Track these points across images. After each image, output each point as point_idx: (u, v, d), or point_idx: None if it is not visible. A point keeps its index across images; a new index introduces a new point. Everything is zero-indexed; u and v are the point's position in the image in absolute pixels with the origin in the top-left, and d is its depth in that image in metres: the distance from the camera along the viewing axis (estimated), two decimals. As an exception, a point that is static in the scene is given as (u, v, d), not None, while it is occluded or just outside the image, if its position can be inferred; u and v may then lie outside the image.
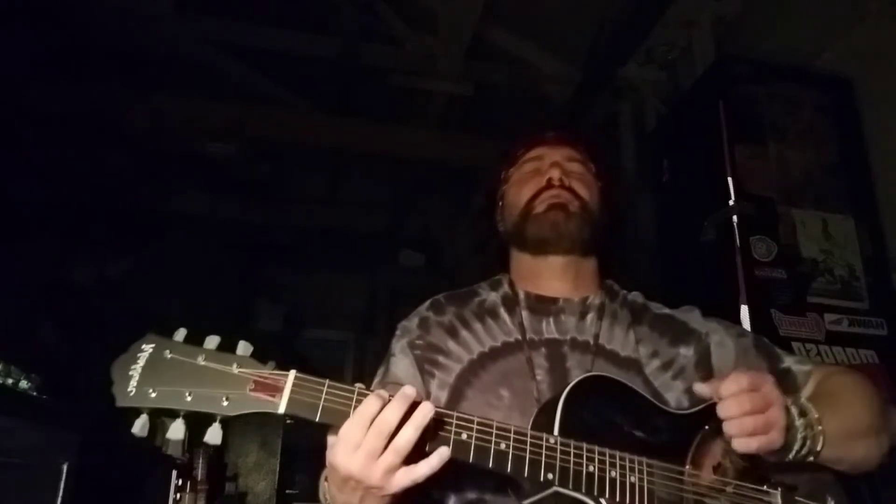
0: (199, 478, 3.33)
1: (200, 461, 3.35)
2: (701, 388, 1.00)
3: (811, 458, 1.01)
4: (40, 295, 4.06)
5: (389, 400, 0.88)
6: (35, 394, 1.90)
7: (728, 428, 0.95)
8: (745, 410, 0.94)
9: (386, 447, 0.86)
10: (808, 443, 0.99)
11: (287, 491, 4.47)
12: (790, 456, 0.99)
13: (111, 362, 0.89)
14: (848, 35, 2.58)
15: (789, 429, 0.97)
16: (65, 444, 1.88)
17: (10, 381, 1.84)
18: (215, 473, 3.71)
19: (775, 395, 0.96)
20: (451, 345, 1.24)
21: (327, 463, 0.91)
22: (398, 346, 1.28)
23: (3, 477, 1.65)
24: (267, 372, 0.89)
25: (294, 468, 4.54)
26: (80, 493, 1.88)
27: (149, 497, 2.81)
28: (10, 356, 1.87)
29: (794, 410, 1.00)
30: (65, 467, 1.85)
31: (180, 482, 3.06)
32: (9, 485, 1.67)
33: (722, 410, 0.95)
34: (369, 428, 0.86)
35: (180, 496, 3.08)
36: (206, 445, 0.90)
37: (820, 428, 1.00)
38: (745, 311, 2.13)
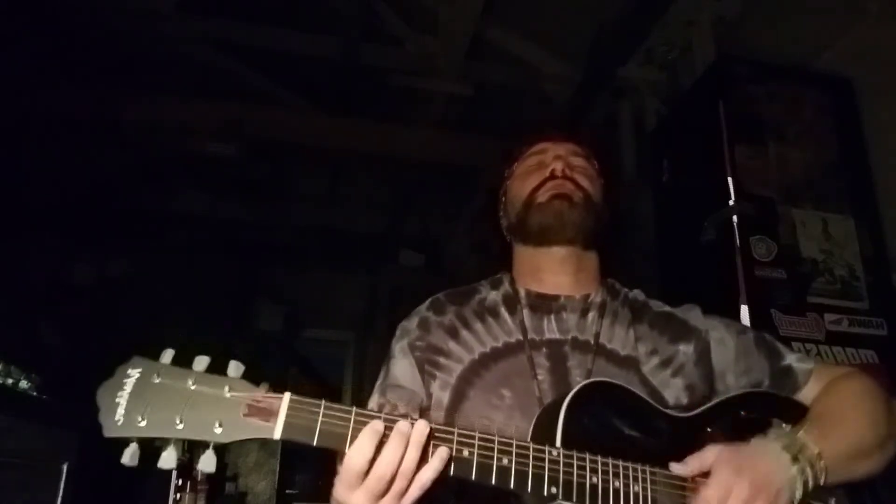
0: (199, 478, 3.33)
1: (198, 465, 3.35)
2: (677, 469, 0.99)
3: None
4: (40, 295, 4.06)
5: (385, 434, 0.86)
6: (35, 394, 1.90)
7: None
8: None
9: (390, 484, 0.85)
10: (811, 482, 0.98)
11: (287, 491, 4.48)
12: (796, 502, 0.97)
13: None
14: (848, 35, 2.58)
15: (781, 494, 0.95)
16: (65, 444, 1.88)
17: (10, 381, 1.85)
18: (215, 473, 3.71)
19: (746, 494, 0.92)
20: (452, 345, 1.24)
21: (333, 495, 0.91)
22: (398, 347, 1.27)
23: (3, 477, 1.65)
24: (260, 395, 0.86)
25: (294, 468, 4.55)
26: (80, 493, 1.88)
27: (149, 497, 2.81)
28: (10, 356, 1.87)
29: (785, 458, 0.98)
30: (65, 467, 1.86)
31: (180, 482, 3.06)
32: (9, 485, 1.67)
33: None
34: (368, 469, 0.85)
35: (180, 496, 3.08)
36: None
37: (822, 464, 0.99)
38: (745, 311, 2.13)
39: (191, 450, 0.85)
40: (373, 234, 5.42)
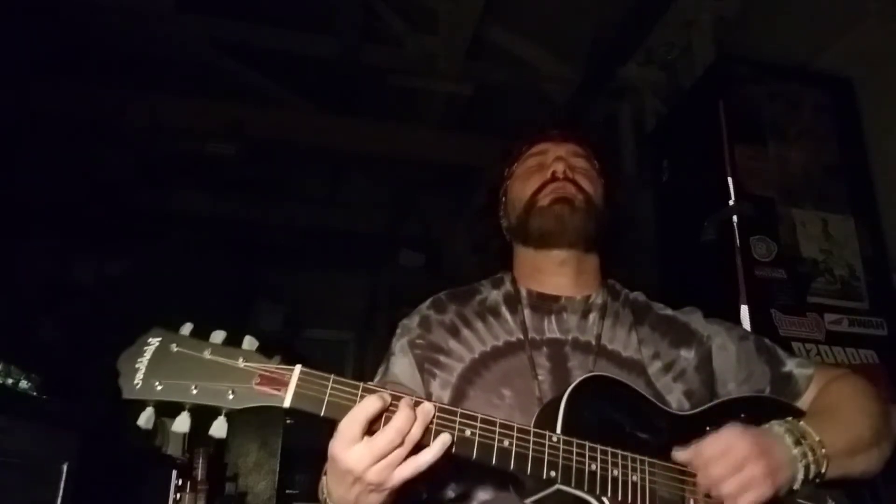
0: (199, 478, 3.33)
1: (200, 461, 3.35)
2: (679, 456, 1.00)
3: (818, 481, 1.00)
4: (40, 294, 4.06)
5: (391, 403, 0.89)
6: (35, 394, 1.90)
7: (715, 494, 0.96)
8: (720, 477, 0.94)
9: (394, 449, 0.87)
10: (813, 468, 0.99)
11: (287, 491, 4.47)
12: (797, 486, 0.98)
13: (111, 362, 0.89)
14: (848, 35, 2.58)
15: (782, 468, 0.96)
16: (65, 444, 1.88)
17: (10, 381, 1.85)
18: (215, 473, 3.71)
19: (745, 452, 0.94)
20: (453, 344, 1.24)
21: (329, 454, 0.92)
22: (398, 344, 1.27)
23: (3, 477, 1.65)
24: (273, 366, 0.90)
25: (294, 468, 4.54)
26: (80, 493, 1.88)
27: (149, 497, 2.81)
28: (10, 356, 1.87)
29: (788, 440, 0.99)
30: (65, 467, 1.85)
31: (180, 482, 3.06)
32: (9, 485, 1.67)
33: (701, 481, 0.97)
34: (373, 429, 0.87)
35: (180, 496, 3.08)
36: (207, 445, 0.90)
37: (823, 451, 1.00)
38: (745, 311, 2.13)
39: (191, 449, 0.87)
40: (373, 234, 5.42)
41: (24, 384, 1.88)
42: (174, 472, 2.97)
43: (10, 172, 3.64)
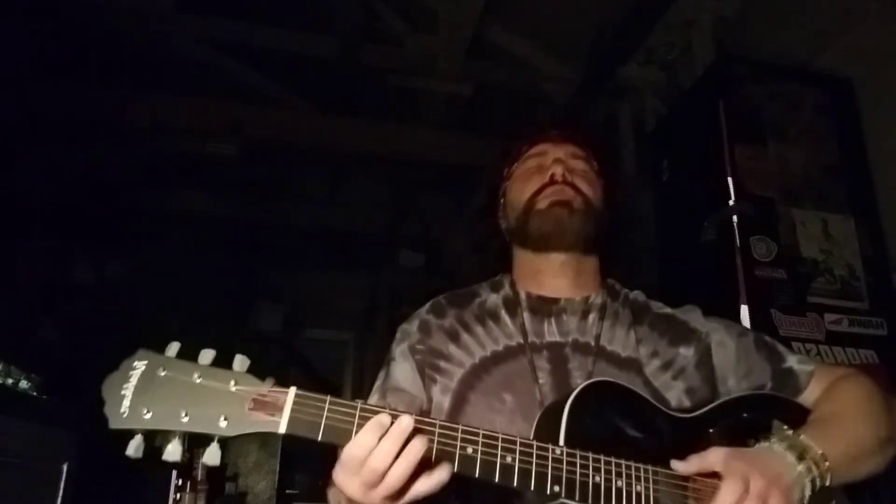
0: (199, 478, 3.33)
1: (200, 461, 3.35)
2: (678, 466, 0.99)
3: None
4: (40, 294, 4.06)
5: (391, 424, 0.86)
6: (35, 394, 1.91)
7: None
8: None
9: (382, 477, 0.85)
10: (818, 482, 0.98)
11: (287, 491, 4.47)
12: (805, 502, 0.97)
13: (111, 361, 0.87)
14: (848, 35, 2.58)
15: (792, 489, 0.95)
16: (65, 444, 1.88)
17: (10, 381, 1.85)
18: (215, 473, 3.71)
19: (763, 485, 0.92)
20: (453, 349, 1.23)
21: (334, 480, 0.90)
22: (398, 350, 1.27)
23: (3, 477, 1.65)
24: (266, 389, 0.85)
25: (294, 468, 4.55)
26: (80, 493, 1.88)
27: (149, 497, 2.81)
28: (10, 356, 1.87)
29: (791, 457, 0.98)
30: (65, 467, 1.86)
31: (180, 482, 3.06)
32: (9, 485, 1.67)
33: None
34: (367, 458, 0.85)
35: (180, 496, 3.09)
36: (207, 445, 0.88)
37: (826, 465, 0.99)
38: (745, 311, 2.13)
39: (191, 448, 0.85)
40: (373, 234, 5.41)
41: (24, 384, 1.89)
42: (174, 472, 2.97)
43: (10, 172, 3.64)
